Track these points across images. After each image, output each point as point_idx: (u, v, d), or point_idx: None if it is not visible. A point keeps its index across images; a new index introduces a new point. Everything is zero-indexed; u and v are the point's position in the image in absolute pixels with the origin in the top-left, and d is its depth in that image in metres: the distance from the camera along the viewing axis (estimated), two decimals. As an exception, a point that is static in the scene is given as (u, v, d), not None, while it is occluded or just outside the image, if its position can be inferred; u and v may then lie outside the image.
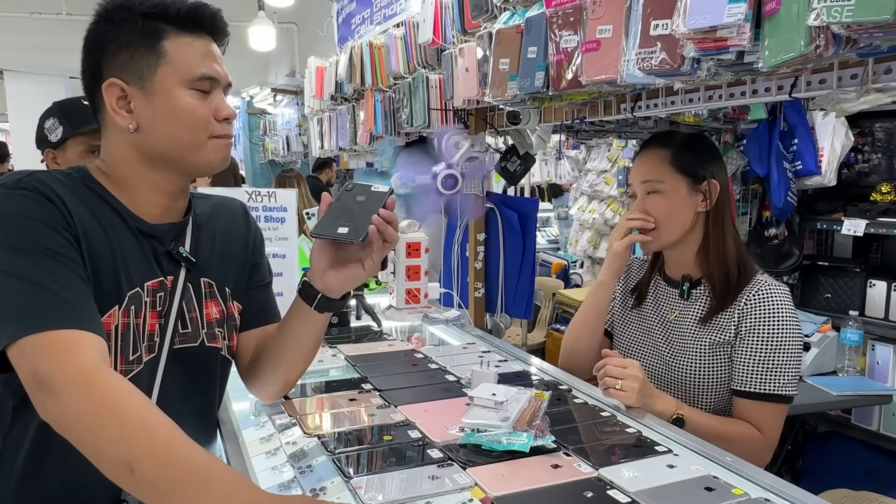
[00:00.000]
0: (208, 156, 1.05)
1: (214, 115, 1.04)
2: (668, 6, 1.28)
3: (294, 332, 1.17)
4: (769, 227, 2.92)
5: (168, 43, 1.01)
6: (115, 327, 1.00)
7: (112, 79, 1.01)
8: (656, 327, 1.54)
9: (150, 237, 1.07)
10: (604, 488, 1.03)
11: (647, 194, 1.48)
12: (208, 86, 1.04)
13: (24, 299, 0.88)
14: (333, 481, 1.07)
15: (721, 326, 1.43)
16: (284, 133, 7.34)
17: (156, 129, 1.02)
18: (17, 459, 0.99)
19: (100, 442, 0.81)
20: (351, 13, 4.27)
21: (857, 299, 2.81)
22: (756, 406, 1.38)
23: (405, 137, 3.21)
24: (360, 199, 1.12)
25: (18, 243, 0.90)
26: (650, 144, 1.54)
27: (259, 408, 1.43)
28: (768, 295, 1.40)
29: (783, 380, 1.37)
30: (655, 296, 1.58)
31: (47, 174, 1.00)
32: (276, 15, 5.65)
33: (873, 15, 0.94)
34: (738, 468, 1.12)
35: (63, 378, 0.83)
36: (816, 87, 1.38)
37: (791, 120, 2.70)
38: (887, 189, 2.79)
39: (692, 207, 1.47)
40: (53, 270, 0.91)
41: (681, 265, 1.53)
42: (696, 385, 1.45)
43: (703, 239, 1.48)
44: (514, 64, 1.87)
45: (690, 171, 1.47)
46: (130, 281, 1.02)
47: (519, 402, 1.25)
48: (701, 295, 1.49)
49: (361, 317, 2.18)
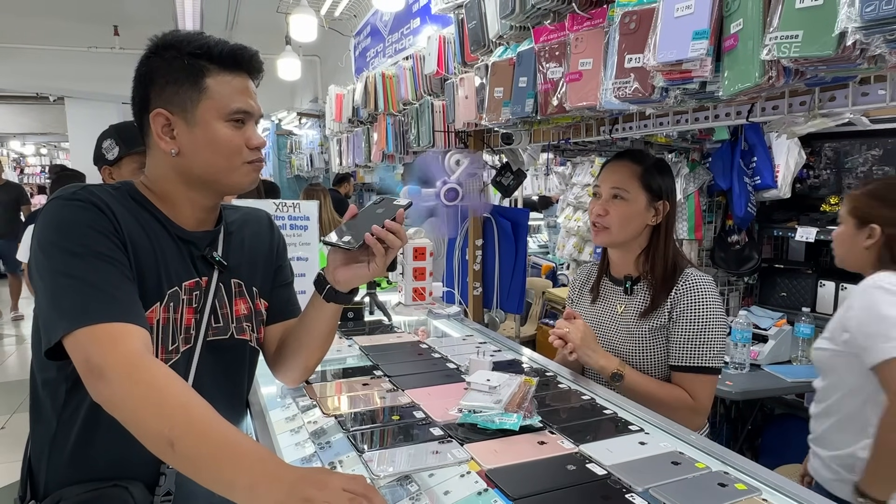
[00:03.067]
0: (240, 179, 1.06)
1: (247, 144, 1.04)
2: (640, 42, 1.29)
3: (310, 320, 1.17)
4: (732, 233, 2.92)
5: (210, 80, 1.00)
6: (157, 321, 1.00)
7: (158, 109, 1.01)
8: (607, 319, 1.58)
9: (188, 243, 1.07)
10: (583, 462, 1.03)
11: (612, 197, 1.50)
12: (243, 118, 1.04)
13: (79, 296, 0.88)
14: (349, 455, 1.07)
15: (658, 314, 1.48)
16: (308, 151, 7.34)
17: (195, 155, 1.02)
18: (71, 436, 0.99)
19: (144, 420, 0.82)
20: (366, 47, 4.29)
21: (809, 297, 2.81)
22: (689, 377, 1.43)
23: (413, 156, 3.22)
24: (378, 212, 1.13)
25: (74, 247, 0.91)
26: (624, 157, 1.54)
27: (284, 391, 1.43)
28: (695, 284, 1.45)
29: (710, 354, 1.42)
30: (605, 294, 1.62)
31: (98, 187, 1.00)
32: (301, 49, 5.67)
33: (817, 50, 0.95)
34: (702, 445, 1.11)
35: (112, 365, 0.84)
36: (770, 112, 1.38)
37: (751, 140, 2.70)
38: (835, 201, 2.79)
39: (644, 219, 1.50)
40: (104, 271, 0.91)
41: (622, 266, 1.57)
42: (639, 365, 1.50)
43: (647, 246, 1.53)
44: (507, 92, 1.88)
45: (652, 190, 1.49)
46: (170, 281, 1.03)
47: (510, 386, 1.25)
48: (641, 290, 1.53)
49: (374, 312, 2.18)
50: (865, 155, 2.71)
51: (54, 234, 0.92)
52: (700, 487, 0.95)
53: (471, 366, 1.44)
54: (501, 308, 2.63)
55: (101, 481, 0.98)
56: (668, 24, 1.19)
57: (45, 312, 0.90)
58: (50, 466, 1.00)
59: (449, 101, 2.43)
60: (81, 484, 0.98)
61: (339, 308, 1.17)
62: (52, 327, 0.88)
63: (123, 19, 6.85)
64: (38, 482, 1.02)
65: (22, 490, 1.04)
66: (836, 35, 0.92)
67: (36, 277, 0.93)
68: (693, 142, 2.91)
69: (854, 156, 2.75)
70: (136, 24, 6.79)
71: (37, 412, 1.04)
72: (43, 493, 1.01)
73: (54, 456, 1.00)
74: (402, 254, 2.23)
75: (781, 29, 1.00)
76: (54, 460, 1.00)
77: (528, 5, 1.68)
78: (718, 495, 0.93)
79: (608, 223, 1.51)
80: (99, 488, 0.97)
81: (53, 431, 1.00)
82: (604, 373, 1.46)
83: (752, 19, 1.07)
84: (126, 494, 0.97)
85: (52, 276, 0.90)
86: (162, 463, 1.02)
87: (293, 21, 4.03)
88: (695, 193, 2.86)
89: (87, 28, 6.90)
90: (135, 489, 0.98)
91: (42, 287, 0.91)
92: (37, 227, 0.95)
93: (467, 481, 0.97)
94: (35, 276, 0.93)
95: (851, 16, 0.88)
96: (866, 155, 2.71)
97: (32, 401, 1.05)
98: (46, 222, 0.94)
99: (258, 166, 1.07)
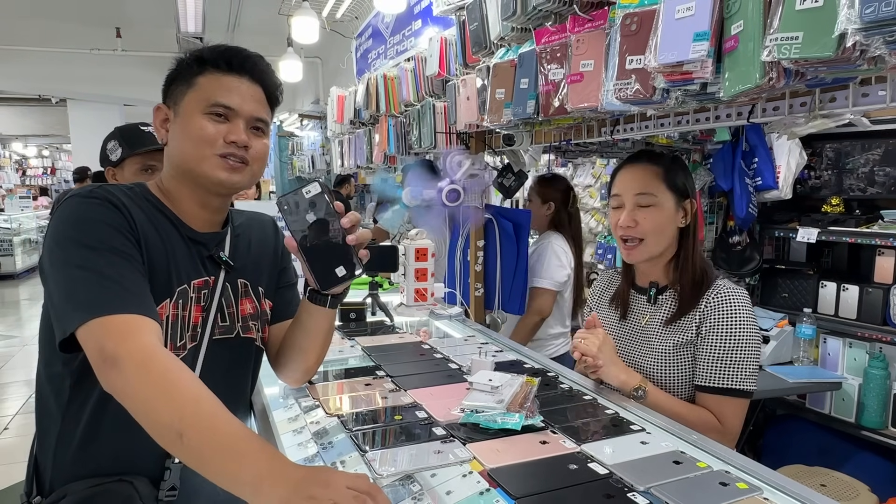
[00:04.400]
0: (210, 171, 1.04)
1: (224, 138, 1.04)
2: (641, 44, 1.29)
3: (301, 321, 1.18)
4: (733, 234, 2.92)
5: (202, 78, 1.05)
6: (167, 318, 1.02)
7: (160, 104, 1.10)
8: (631, 333, 1.49)
9: (197, 243, 1.10)
10: (585, 461, 1.03)
11: (638, 206, 1.37)
12: (223, 112, 1.04)
13: (94, 288, 0.90)
14: (351, 455, 1.07)
15: (684, 328, 1.37)
16: (310, 153, 7.36)
17: (174, 142, 1.07)
18: (76, 431, 1.00)
19: (154, 411, 0.82)
20: (368, 49, 4.30)
21: (810, 298, 2.81)
22: (716, 399, 1.32)
23: (414, 157, 3.23)
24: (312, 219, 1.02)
25: (90, 242, 0.93)
26: (640, 159, 1.42)
27: (287, 392, 1.43)
28: (727, 298, 1.33)
29: (742, 375, 1.30)
30: (630, 306, 1.51)
31: (114, 187, 1.03)
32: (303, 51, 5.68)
33: (817, 52, 0.96)
34: (704, 445, 1.11)
35: (125, 355, 0.85)
36: (771, 113, 1.38)
37: (752, 141, 2.70)
38: (836, 202, 2.79)
39: (675, 222, 1.39)
40: (119, 265, 0.93)
41: (649, 274, 1.45)
42: (662, 382, 1.39)
43: (676, 251, 1.41)
44: (508, 93, 1.88)
45: (678, 189, 1.38)
46: (179, 279, 1.05)
47: (512, 386, 1.25)
48: (667, 300, 1.42)
49: (376, 313, 2.19)
50: (866, 156, 2.71)
51: (71, 230, 0.94)
52: (701, 486, 0.96)
53: (472, 366, 1.44)
54: (503, 309, 2.63)
55: (106, 476, 0.99)
56: (669, 25, 1.19)
57: (58, 305, 0.92)
58: (56, 462, 1.01)
59: (450, 102, 2.44)
60: (87, 479, 0.99)
61: (327, 311, 1.16)
62: (67, 318, 0.89)
63: (125, 21, 6.87)
64: (43, 478, 1.03)
65: (28, 486, 1.05)
66: (836, 36, 0.92)
67: (49, 271, 0.94)
68: (694, 143, 2.91)
69: (855, 156, 2.75)
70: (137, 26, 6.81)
71: (42, 408, 1.05)
72: (49, 489, 1.01)
73: (60, 451, 1.01)
74: (405, 255, 2.24)
75: (782, 30, 1.00)
76: (60, 456, 1.01)
77: (530, 7, 1.68)
78: (720, 494, 0.93)
79: (642, 234, 1.36)
80: (104, 483, 0.98)
81: (59, 427, 1.01)
82: (624, 388, 1.34)
83: (753, 21, 1.07)
84: (131, 489, 0.98)
85: (67, 269, 0.92)
86: (167, 458, 1.03)
87: (295, 23, 4.04)
88: (696, 194, 2.86)
89: (90, 30, 6.92)
90: (140, 484, 0.99)
91: (56, 280, 0.92)
92: (53, 223, 0.97)
93: (469, 481, 0.98)
94: (48, 269, 0.94)
95: (851, 17, 0.89)
96: (867, 156, 2.71)
97: (38, 397, 1.06)
98: (64, 218, 0.96)
99: (232, 165, 1.05)
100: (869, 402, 2.49)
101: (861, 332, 2.57)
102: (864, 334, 2.56)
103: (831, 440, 2.65)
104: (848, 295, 2.67)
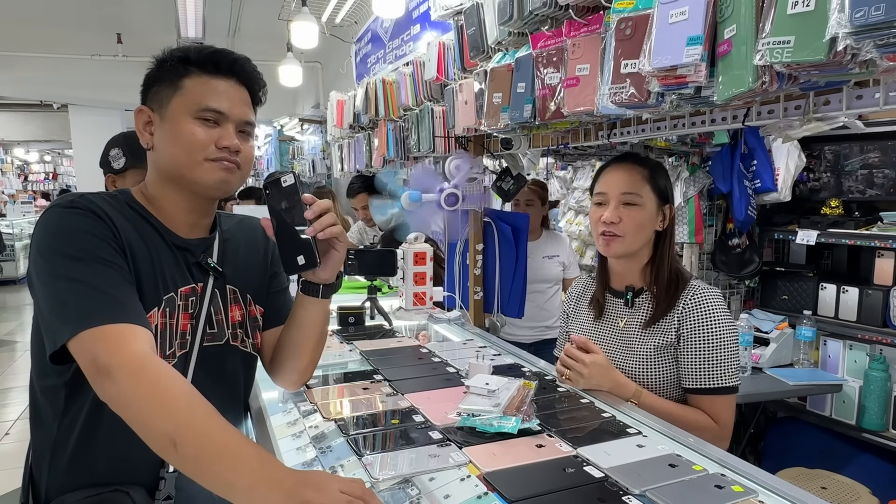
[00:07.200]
0: (203, 176, 1.04)
1: (216, 143, 1.04)
2: (635, 48, 1.30)
3: (301, 321, 1.17)
4: (732, 237, 2.92)
5: (188, 80, 1.04)
6: (155, 326, 1.01)
7: (142, 106, 1.07)
8: (609, 336, 1.51)
9: (184, 250, 1.09)
10: (581, 465, 1.04)
11: (623, 205, 1.41)
12: (213, 116, 1.04)
13: (83, 300, 0.89)
14: (350, 460, 1.07)
15: (663, 331, 1.40)
16: (310, 157, 7.38)
17: (162, 149, 1.05)
18: (71, 442, 1.00)
19: (149, 419, 0.82)
20: (367, 54, 4.32)
21: (810, 300, 2.81)
22: (709, 399, 1.36)
23: (413, 161, 3.23)
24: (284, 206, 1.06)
25: (75, 253, 0.92)
26: (627, 160, 1.47)
27: (285, 396, 1.43)
28: (702, 299, 1.37)
29: (729, 372, 1.35)
30: (606, 308, 1.54)
31: (96, 195, 1.02)
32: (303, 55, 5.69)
33: (809, 56, 0.96)
34: (699, 448, 1.12)
35: (118, 364, 0.85)
36: (766, 116, 1.39)
37: (750, 143, 2.71)
38: (836, 204, 2.79)
39: (654, 224, 1.44)
40: (106, 275, 0.93)
41: (625, 277, 1.49)
42: (648, 383, 1.42)
43: (651, 254, 1.45)
44: (505, 97, 1.89)
45: (661, 192, 1.44)
46: (166, 286, 1.04)
47: (509, 390, 1.26)
48: (643, 303, 1.46)
49: (375, 317, 2.19)
50: (865, 158, 2.71)
51: (54, 241, 0.93)
52: (697, 490, 0.96)
53: (470, 370, 1.45)
54: (502, 312, 2.63)
55: (101, 486, 0.99)
56: (663, 30, 1.20)
57: (47, 317, 0.91)
58: (51, 472, 1.01)
59: (449, 106, 2.44)
60: (82, 489, 0.99)
61: (321, 304, 1.16)
62: (57, 331, 0.89)
63: (126, 27, 6.89)
64: (39, 488, 1.03)
65: (24, 497, 1.05)
66: (828, 40, 0.93)
67: (36, 284, 0.94)
68: (693, 145, 2.91)
69: (853, 158, 2.75)
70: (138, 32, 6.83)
71: (37, 419, 1.04)
72: (45, 499, 1.01)
73: (55, 462, 1.01)
74: (403, 259, 2.25)
75: (773, 34, 1.01)
76: (55, 466, 1.01)
77: (526, 12, 1.69)
78: (715, 497, 0.94)
79: (622, 231, 1.41)
80: (100, 493, 0.98)
81: (54, 437, 1.01)
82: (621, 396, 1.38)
83: (745, 25, 1.08)
84: (127, 499, 0.98)
85: (54, 281, 0.91)
86: (162, 467, 1.03)
87: (294, 28, 4.05)
88: (695, 197, 2.87)
89: (91, 36, 6.94)
90: (135, 494, 0.99)
91: (43, 292, 0.92)
92: (35, 235, 0.96)
93: (467, 485, 0.98)
94: (35, 282, 0.94)
95: (842, 21, 0.89)
96: (866, 158, 2.71)
97: (32, 408, 1.06)
98: (46, 229, 0.95)
99: (227, 167, 1.05)
100: (869, 404, 2.49)
101: (861, 333, 2.57)
102: (865, 336, 2.56)
103: (832, 442, 2.64)
104: (848, 297, 2.67)
